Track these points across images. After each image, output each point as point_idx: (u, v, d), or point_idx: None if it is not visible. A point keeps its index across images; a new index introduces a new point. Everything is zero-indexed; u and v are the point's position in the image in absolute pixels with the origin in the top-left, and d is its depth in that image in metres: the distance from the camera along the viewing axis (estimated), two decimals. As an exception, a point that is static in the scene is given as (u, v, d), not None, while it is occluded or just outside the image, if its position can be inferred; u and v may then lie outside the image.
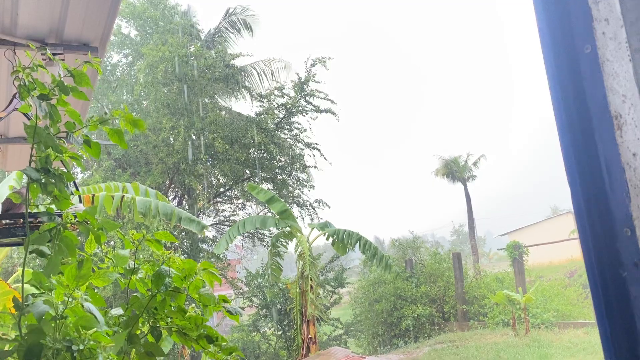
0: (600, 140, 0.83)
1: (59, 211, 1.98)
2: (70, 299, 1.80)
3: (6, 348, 1.84)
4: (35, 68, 1.94)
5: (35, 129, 1.90)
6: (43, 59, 2.09)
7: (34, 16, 2.48)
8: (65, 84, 2.02)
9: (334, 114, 17.71)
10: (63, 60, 2.07)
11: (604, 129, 0.82)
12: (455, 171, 33.91)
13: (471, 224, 33.24)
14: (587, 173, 0.85)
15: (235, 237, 11.02)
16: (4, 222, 2.10)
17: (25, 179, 1.95)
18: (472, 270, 20.19)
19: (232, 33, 18.70)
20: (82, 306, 1.81)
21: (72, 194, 2.01)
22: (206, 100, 16.40)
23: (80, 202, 2.45)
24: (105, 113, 2.10)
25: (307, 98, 17.53)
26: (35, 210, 2.08)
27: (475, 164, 34.34)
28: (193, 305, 2.29)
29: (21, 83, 1.91)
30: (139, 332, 2.16)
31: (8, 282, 5.51)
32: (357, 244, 10.72)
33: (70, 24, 2.55)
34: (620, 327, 0.82)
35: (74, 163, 2.21)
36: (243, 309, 18.06)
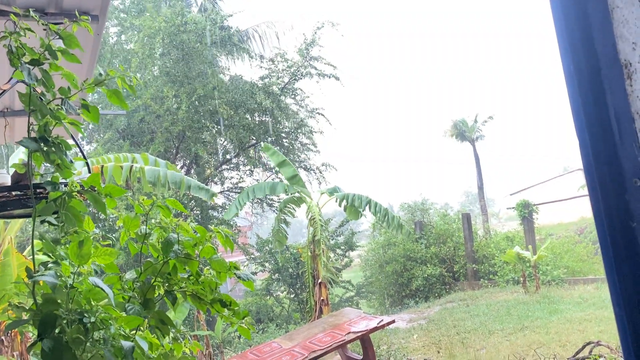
0: (609, 89, 0.81)
1: (64, 180, 1.99)
2: (77, 275, 1.82)
3: (23, 317, 1.89)
4: (23, 32, 1.91)
5: (30, 97, 1.88)
6: (44, 29, 2.06)
7: (32, -15, 2.45)
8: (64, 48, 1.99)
9: (337, 78, 17.54)
10: (66, 31, 2.04)
11: (613, 78, 0.80)
12: (464, 131, 33.69)
13: (480, 184, 33.21)
14: (595, 124, 0.84)
15: (244, 204, 11.07)
16: (14, 193, 2.12)
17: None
18: (481, 230, 20.25)
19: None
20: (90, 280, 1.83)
21: (72, 161, 2.00)
22: (206, 66, 16.22)
23: (90, 172, 2.46)
24: (100, 74, 2.07)
25: (312, 62, 17.34)
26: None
27: (484, 123, 34.07)
28: (208, 267, 2.32)
29: (9, 49, 1.88)
30: (155, 295, 2.19)
31: (24, 254, 5.62)
32: (367, 207, 10.75)
33: (69, -7, 2.51)
34: (629, 277, 0.82)
35: (79, 133, 2.21)
36: (255, 274, 18.33)
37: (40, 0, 2.55)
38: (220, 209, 18.23)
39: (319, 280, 10.31)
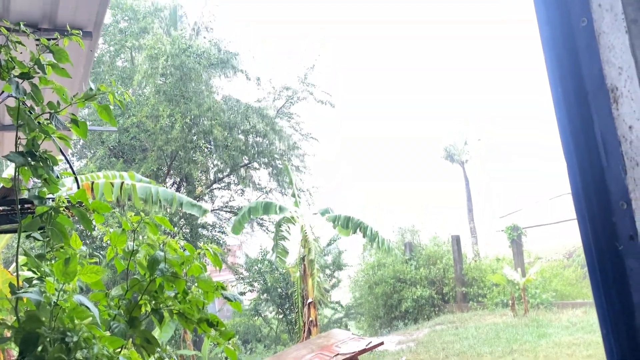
0: (596, 113, 0.82)
1: (51, 195, 1.97)
2: (61, 292, 1.79)
3: (6, 334, 1.85)
4: (14, 46, 1.90)
5: (18, 110, 1.87)
6: (37, 45, 2.06)
7: (27, 1, 2.45)
8: (54, 62, 1.99)
9: (332, 105, 17.78)
10: (58, 45, 2.04)
11: (600, 102, 0.81)
12: (453, 154, 33.94)
13: (470, 206, 33.32)
14: (583, 146, 0.85)
15: (247, 221, 11.19)
16: (0, 208, 2.09)
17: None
18: (471, 253, 20.27)
19: (224, 10, 18.59)
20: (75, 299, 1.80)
21: (59, 177, 1.98)
22: (202, 86, 16.30)
23: (79, 188, 2.44)
24: (91, 89, 2.07)
25: (308, 87, 17.58)
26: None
27: (473, 145, 34.35)
28: (196, 285, 2.29)
29: (-1, 62, 1.87)
30: (141, 312, 2.16)
31: (9, 270, 5.53)
32: (358, 229, 10.78)
33: (63, 9, 2.52)
34: (616, 300, 0.82)
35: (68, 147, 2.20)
36: (244, 294, 18.17)
37: (34, 16, 2.56)
38: (210, 228, 18.13)
39: (309, 301, 10.24)
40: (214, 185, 19.10)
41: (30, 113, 1.97)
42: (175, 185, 17.88)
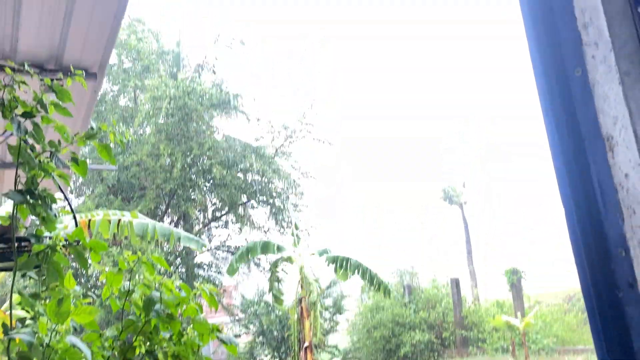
0: (592, 161, 0.83)
1: (49, 234, 1.96)
2: (54, 333, 1.76)
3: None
4: (18, 86, 1.94)
5: (19, 149, 1.88)
6: (42, 85, 2.10)
7: (34, 42, 2.51)
8: (56, 101, 2.02)
9: (330, 143, 17.99)
10: (62, 86, 2.08)
11: (596, 151, 0.83)
12: (452, 196, 33.99)
13: (469, 248, 33.14)
14: (580, 194, 0.85)
15: (243, 261, 11.06)
16: (-2, 246, 2.08)
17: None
18: (470, 296, 20.04)
19: (226, 55, 18.95)
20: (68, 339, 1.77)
21: (56, 215, 1.98)
22: (203, 126, 16.48)
23: (77, 225, 2.43)
24: (92, 128, 2.09)
25: (307, 127, 17.80)
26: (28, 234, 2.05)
27: (472, 187, 34.46)
28: (191, 327, 2.26)
29: (2, 102, 1.90)
30: (135, 354, 2.12)
31: (2, 308, 5.45)
32: (356, 271, 10.67)
33: (70, 51, 2.58)
34: (617, 347, 0.81)
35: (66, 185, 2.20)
36: (239, 336, 17.84)
37: (40, 56, 2.61)
38: (206, 267, 17.96)
39: (305, 345, 10.05)
40: (212, 224, 19.04)
41: (32, 151, 1.99)
42: (173, 224, 17.82)
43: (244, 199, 17.87)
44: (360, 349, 17.91)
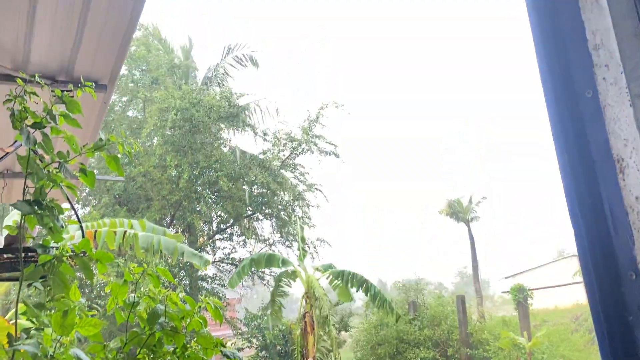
0: (602, 183, 0.83)
1: (55, 244, 1.97)
2: (59, 345, 1.76)
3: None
4: (28, 97, 1.95)
5: (28, 159, 1.89)
6: (53, 96, 2.12)
7: (46, 54, 2.54)
8: (66, 112, 2.04)
9: (337, 156, 17.89)
10: (72, 97, 2.10)
11: (606, 172, 0.82)
12: (458, 212, 33.84)
13: (475, 265, 32.92)
14: (590, 216, 0.85)
15: (247, 274, 11.01)
16: (5, 256, 2.09)
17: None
18: (476, 314, 19.86)
19: (235, 68, 19.06)
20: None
21: (63, 226, 1.99)
22: (211, 138, 16.56)
23: (83, 236, 2.44)
24: (101, 139, 2.10)
25: (313, 139, 17.76)
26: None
27: (478, 204, 34.30)
28: (195, 340, 2.25)
29: (12, 112, 1.91)
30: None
31: (6, 317, 5.45)
32: (361, 287, 10.60)
33: (81, 62, 2.60)
34: (627, 374, 0.80)
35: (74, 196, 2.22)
36: (242, 349, 17.73)
37: (52, 68, 2.64)
38: (210, 280, 17.92)
39: None
40: (216, 236, 19.03)
41: (41, 161, 2.00)
42: (178, 236, 17.82)
43: (249, 211, 17.87)
44: (364, 366, 17.76)
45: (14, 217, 6.00)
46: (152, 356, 2.15)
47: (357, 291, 10.59)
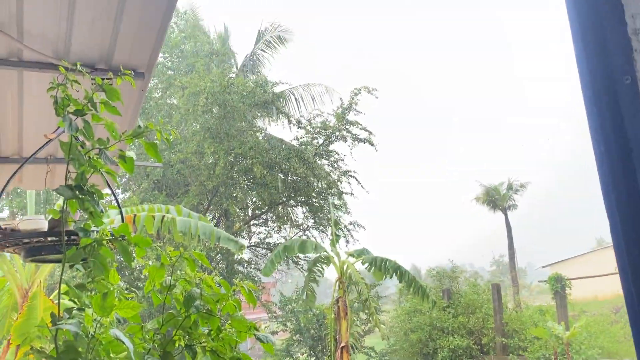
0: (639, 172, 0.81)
1: (95, 228, 2.03)
2: (99, 325, 1.83)
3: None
4: (70, 85, 2.01)
5: (70, 146, 1.96)
6: (93, 84, 2.18)
7: (86, 43, 2.60)
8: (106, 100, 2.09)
9: (372, 144, 17.72)
10: (112, 85, 2.16)
11: (644, 162, 0.80)
12: (496, 199, 33.25)
13: (512, 254, 32.39)
14: (626, 207, 0.83)
15: (280, 261, 11.11)
16: (49, 239, 2.17)
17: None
18: (512, 303, 19.58)
19: (267, 52, 19.09)
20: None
21: (103, 210, 2.05)
22: (244, 124, 16.67)
23: (123, 221, 2.52)
24: (140, 127, 2.15)
25: (347, 126, 17.63)
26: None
27: (516, 192, 33.61)
28: (229, 323, 2.30)
29: (55, 100, 1.97)
30: (175, 347, 2.18)
31: (50, 297, 5.68)
32: (394, 273, 10.57)
33: (119, 51, 2.66)
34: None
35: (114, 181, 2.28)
36: (276, 332, 17.98)
37: (91, 57, 2.71)
38: (246, 264, 18.19)
39: (342, 345, 10.04)
40: (252, 222, 19.26)
41: (82, 148, 2.07)
42: (215, 220, 18.12)
43: (284, 198, 17.98)
44: (397, 352, 17.75)
45: (59, 201, 6.21)
46: (187, 338, 2.21)
47: (390, 277, 10.57)
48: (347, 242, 18.01)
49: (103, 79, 2.20)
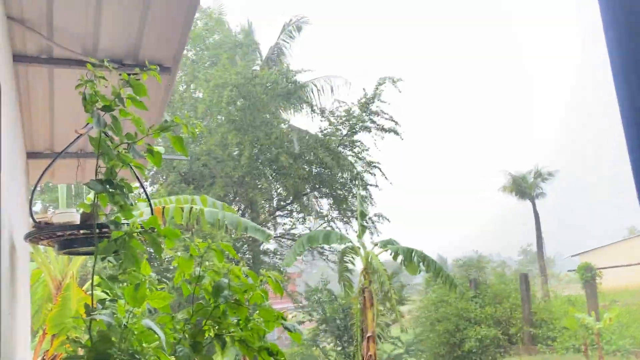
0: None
1: (126, 221, 2.08)
2: (131, 315, 1.87)
3: (79, 352, 1.95)
4: (98, 81, 2.05)
5: (99, 141, 2.00)
6: (120, 80, 2.21)
7: (113, 39, 2.65)
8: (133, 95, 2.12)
9: (397, 133, 17.60)
10: (138, 80, 2.19)
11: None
12: (524, 188, 32.76)
13: (540, 243, 31.95)
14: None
15: (302, 252, 11.15)
16: (81, 232, 2.23)
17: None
18: (540, 292, 19.33)
19: (288, 42, 19.08)
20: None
21: (132, 204, 2.09)
22: (268, 116, 16.74)
23: (152, 213, 2.57)
24: (166, 121, 2.18)
25: (371, 116, 17.55)
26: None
27: (544, 180, 33.06)
28: (257, 313, 2.33)
29: (83, 96, 2.01)
30: (205, 337, 2.22)
31: (83, 288, 5.82)
32: (421, 263, 10.53)
33: (146, 46, 2.70)
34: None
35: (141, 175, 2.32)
36: (303, 322, 18.12)
37: (119, 53, 2.75)
38: (271, 254, 18.33)
39: (368, 335, 10.07)
40: (277, 213, 19.38)
41: (111, 142, 2.11)
42: (240, 212, 18.28)
43: (308, 189, 18.03)
44: (423, 342, 17.72)
45: (90, 194, 6.35)
46: (217, 328, 2.25)
47: (419, 272, 10.53)
48: (372, 234, 17.97)
49: (129, 75, 2.23)
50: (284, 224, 19.79)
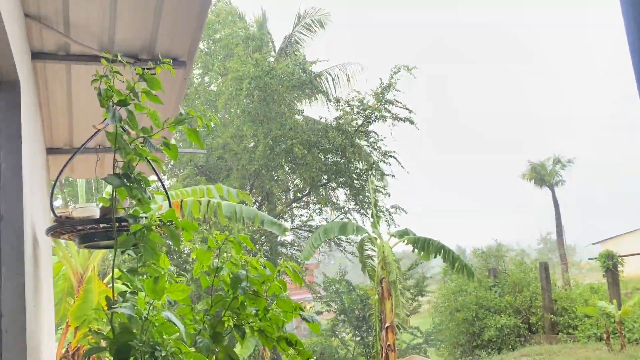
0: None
1: (144, 214, 2.10)
2: (152, 307, 1.90)
3: (101, 343, 1.98)
4: (114, 76, 2.07)
5: (116, 135, 2.02)
6: (135, 74, 2.23)
7: (128, 34, 2.66)
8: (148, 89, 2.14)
9: (412, 122, 17.48)
10: (153, 74, 2.20)
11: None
12: (543, 175, 32.39)
13: (559, 231, 31.62)
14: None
15: (319, 244, 11.17)
16: (101, 225, 2.26)
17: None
18: (560, 281, 19.13)
19: (306, 36, 19.03)
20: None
21: (150, 197, 2.11)
22: (285, 107, 16.76)
23: (170, 206, 2.59)
24: (181, 114, 2.19)
25: (386, 105, 17.43)
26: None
27: (564, 167, 32.65)
28: (275, 304, 2.35)
29: (99, 91, 2.03)
30: (224, 328, 2.25)
31: (104, 281, 5.92)
32: (438, 253, 10.49)
33: (160, 40, 2.71)
34: None
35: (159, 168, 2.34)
36: (321, 313, 18.21)
37: (134, 47, 2.77)
38: (289, 246, 18.42)
39: (386, 325, 10.08)
40: (294, 204, 19.43)
41: (128, 137, 2.13)
42: (257, 204, 18.38)
43: (324, 180, 18.03)
44: (442, 331, 17.69)
45: (108, 189, 6.43)
46: (236, 318, 2.28)
47: (435, 257, 10.49)
48: (389, 225, 17.92)
49: (144, 69, 2.24)
50: (301, 215, 19.86)
